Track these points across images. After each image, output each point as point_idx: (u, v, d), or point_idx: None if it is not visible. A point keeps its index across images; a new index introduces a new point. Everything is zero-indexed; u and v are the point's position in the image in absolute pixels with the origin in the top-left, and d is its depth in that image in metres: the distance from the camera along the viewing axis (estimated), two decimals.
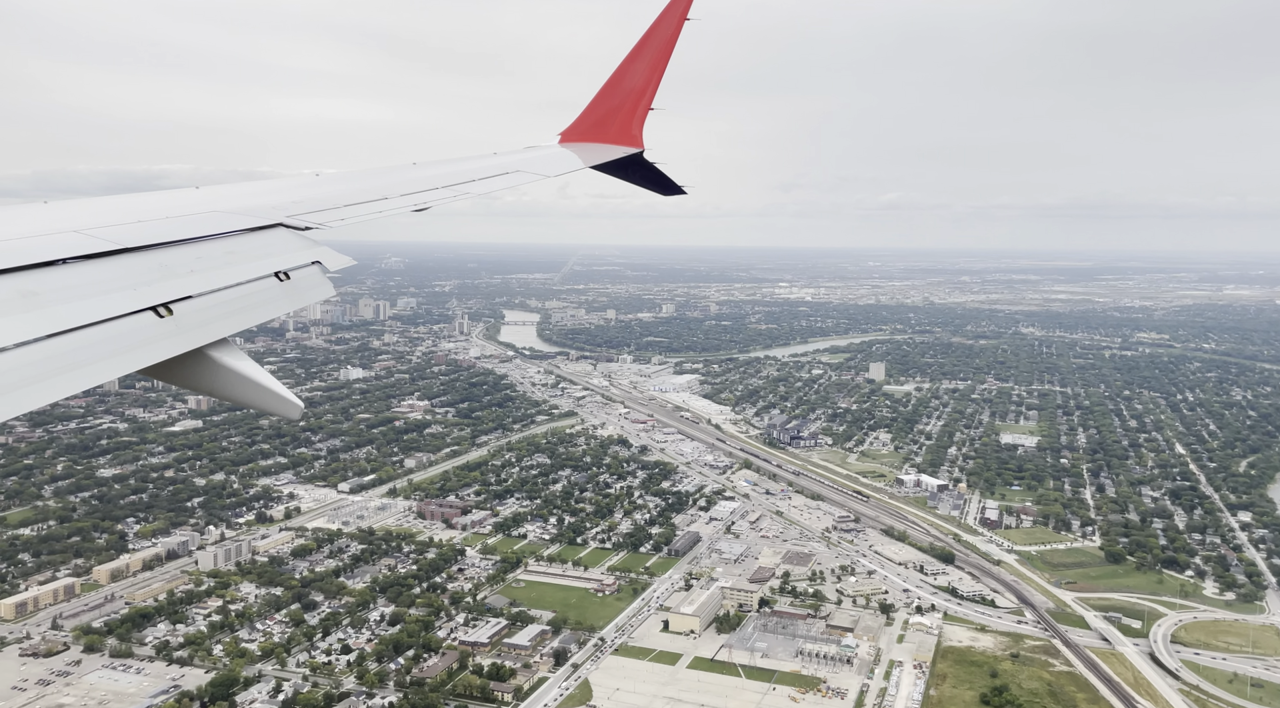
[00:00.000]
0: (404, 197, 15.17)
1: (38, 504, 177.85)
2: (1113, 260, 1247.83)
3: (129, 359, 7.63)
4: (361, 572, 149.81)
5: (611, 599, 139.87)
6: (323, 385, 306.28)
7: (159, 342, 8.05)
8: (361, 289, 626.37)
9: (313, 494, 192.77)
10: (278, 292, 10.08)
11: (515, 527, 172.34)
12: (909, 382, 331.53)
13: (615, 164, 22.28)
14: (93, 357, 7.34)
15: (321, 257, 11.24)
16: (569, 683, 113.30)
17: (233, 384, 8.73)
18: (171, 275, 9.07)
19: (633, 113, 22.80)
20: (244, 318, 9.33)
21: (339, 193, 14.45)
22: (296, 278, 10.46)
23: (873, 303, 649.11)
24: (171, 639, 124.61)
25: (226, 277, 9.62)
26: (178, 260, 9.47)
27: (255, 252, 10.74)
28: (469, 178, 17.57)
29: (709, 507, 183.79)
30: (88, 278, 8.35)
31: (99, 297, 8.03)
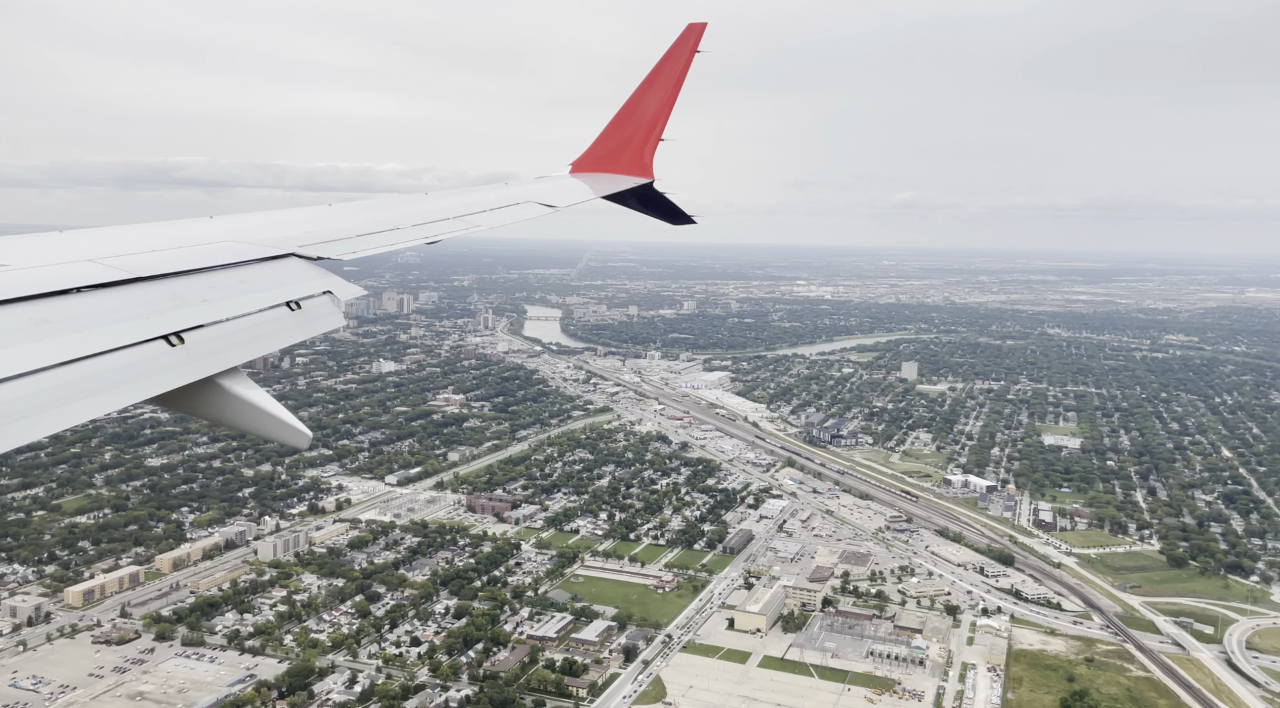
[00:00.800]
0: (415, 227, 15.33)
1: (90, 493, 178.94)
2: (1130, 262, 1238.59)
3: (140, 387, 7.69)
4: (420, 564, 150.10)
5: (672, 596, 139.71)
6: (356, 378, 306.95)
7: (170, 370, 8.09)
8: (381, 283, 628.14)
9: (361, 486, 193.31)
10: (289, 321, 10.14)
11: (566, 522, 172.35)
12: (941, 381, 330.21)
13: (626, 194, 22.51)
14: (104, 384, 7.40)
15: (333, 286, 11.31)
16: (641, 680, 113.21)
17: (242, 413, 8.73)
18: (183, 305, 9.13)
19: (644, 144, 23.05)
20: (255, 347, 9.35)
21: (351, 223, 14.57)
22: (308, 307, 10.55)
23: (893, 302, 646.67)
24: (241, 629, 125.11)
25: (238, 306, 9.67)
26: (190, 290, 9.55)
27: (267, 281, 10.82)
28: (480, 209, 17.69)
29: (758, 505, 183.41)
30: (101, 306, 8.45)
31: (111, 325, 8.10)
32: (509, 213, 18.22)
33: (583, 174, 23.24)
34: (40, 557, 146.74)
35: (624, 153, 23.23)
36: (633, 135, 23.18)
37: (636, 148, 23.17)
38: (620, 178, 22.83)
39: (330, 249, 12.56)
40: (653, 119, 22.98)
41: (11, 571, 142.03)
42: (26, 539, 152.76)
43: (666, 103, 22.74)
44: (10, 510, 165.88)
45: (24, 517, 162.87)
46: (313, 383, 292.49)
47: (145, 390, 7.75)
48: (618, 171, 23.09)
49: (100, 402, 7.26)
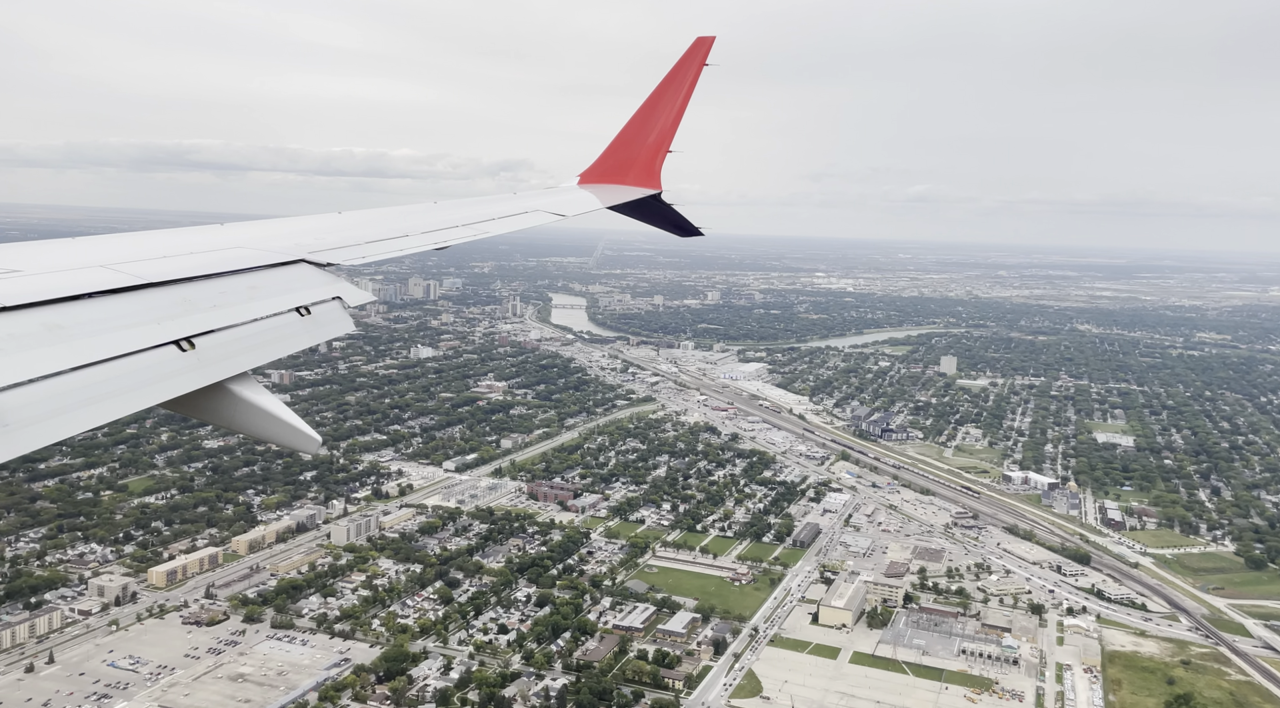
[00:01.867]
0: (424, 235, 15.52)
1: (153, 474, 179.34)
2: (1147, 259, 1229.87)
3: (152, 392, 7.74)
4: (492, 551, 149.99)
5: (750, 589, 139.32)
6: (395, 363, 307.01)
7: (181, 375, 8.16)
8: (402, 268, 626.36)
9: (420, 472, 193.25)
10: (299, 327, 10.23)
11: (630, 512, 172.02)
12: (980, 376, 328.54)
13: (633, 204, 22.77)
14: (116, 389, 7.44)
15: (342, 292, 11.40)
16: (735, 673, 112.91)
17: (253, 418, 8.82)
18: (194, 310, 9.23)
19: (652, 155, 23.27)
20: (265, 352, 9.41)
21: (361, 230, 14.75)
22: (317, 313, 10.62)
23: (916, 295, 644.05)
24: (327, 612, 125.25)
25: (248, 311, 9.75)
26: (201, 295, 9.67)
27: (277, 287, 10.93)
28: (488, 217, 17.91)
29: (819, 498, 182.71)
30: (112, 312, 8.53)
31: (123, 330, 8.18)
32: (517, 221, 18.33)
33: (591, 185, 23.33)
34: (116, 537, 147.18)
35: (632, 164, 23.36)
36: (641, 147, 23.34)
37: (645, 159, 23.29)
38: (628, 189, 22.95)
39: (340, 255, 12.63)
40: (661, 131, 23.14)
41: (89, 550, 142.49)
42: (99, 519, 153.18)
43: (675, 115, 22.91)
44: (78, 490, 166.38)
45: (93, 496, 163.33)
46: (353, 368, 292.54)
47: (157, 395, 7.79)
48: (626, 183, 23.20)
49: (113, 406, 7.31)
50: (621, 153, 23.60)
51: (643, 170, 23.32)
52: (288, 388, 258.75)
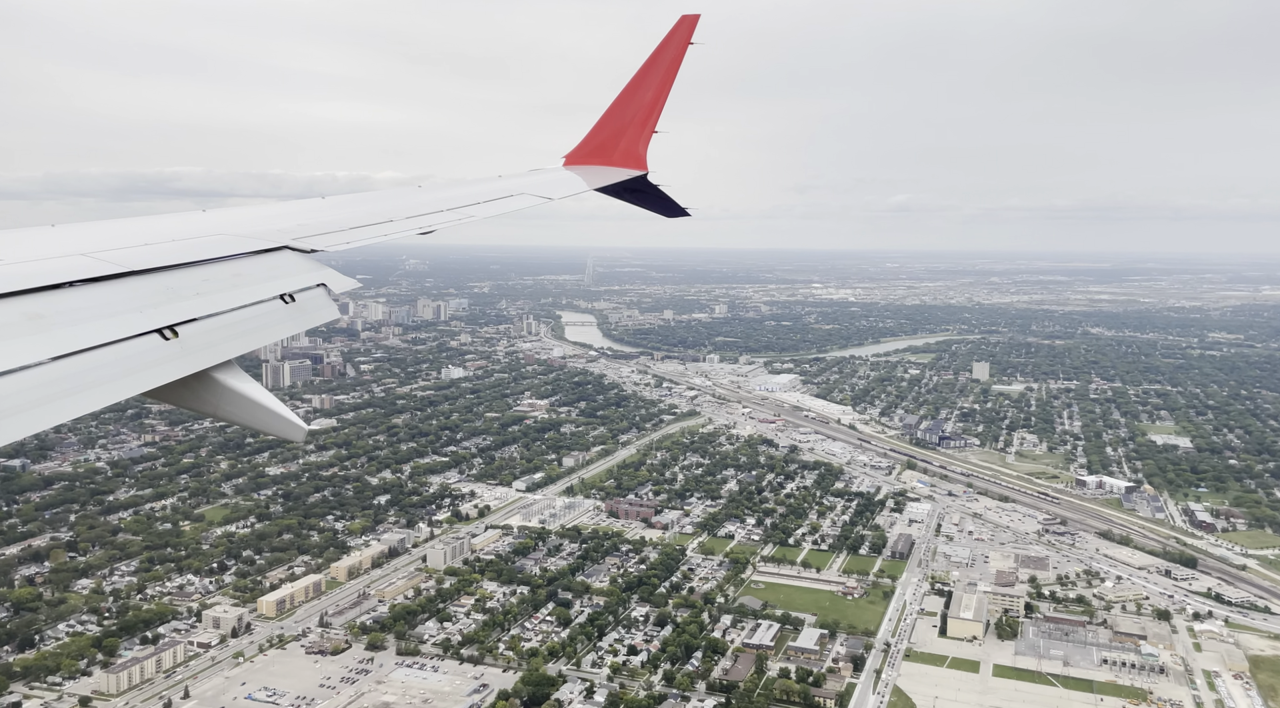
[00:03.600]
0: (409, 219, 15.31)
1: (225, 502, 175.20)
2: (1129, 262, 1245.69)
3: (135, 381, 7.63)
4: (593, 570, 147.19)
5: (863, 603, 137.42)
6: (428, 384, 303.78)
7: (164, 364, 8.03)
8: (400, 290, 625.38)
9: (492, 493, 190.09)
10: (283, 314, 10.09)
11: (717, 527, 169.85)
12: (1014, 381, 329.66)
13: (619, 186, 22.45)
14: (98, 379, 7.32)
15: (327, 279, 11.28)
16: (882, 691, 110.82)
17: (237, 406, 8.72)
18: (177, 298, 9.09)
19: (637, 136, 22.94)
20: (249, 340, 9.28)
21: (345, 216, 14.59)
22: (302, 300, 10.48)
23: (918, 304, 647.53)
24: (450, 638, 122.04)
25: (232, 299, 9.64)
26: (184, 283, 9.54)
27: (261, 274, 10.80)
28: (473, 201, 17.63)
29: (900, 508, 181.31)
30: (94, 300, 8.40)
31: (105, 319, 8.04)
32: (503, 204, 17.96)
33: (576, 166, 22.93)
34: (210, 567, 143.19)
35: (618, 145, 22.90)
36: (626, 127, 22.89)
37: (630, 140, 22.85)
38: (614, 170, 22.53)
39: (324, 241, 12.47)
40: (646, 111, 22.69)
41: (187, 581, 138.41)
42: (188, 549, 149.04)
43: (660, 95, 22.49)
44: (155, 520, 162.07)
45: (172, 527, 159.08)
46: (389, 390, 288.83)
47: (140, 384, 7.67)
48: (612, 164, 22.81)
49: (95, 396, 7.18)
50: (607, 133, 23.00)
51: (628, 151, 22.80)
52: (331, 412, 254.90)
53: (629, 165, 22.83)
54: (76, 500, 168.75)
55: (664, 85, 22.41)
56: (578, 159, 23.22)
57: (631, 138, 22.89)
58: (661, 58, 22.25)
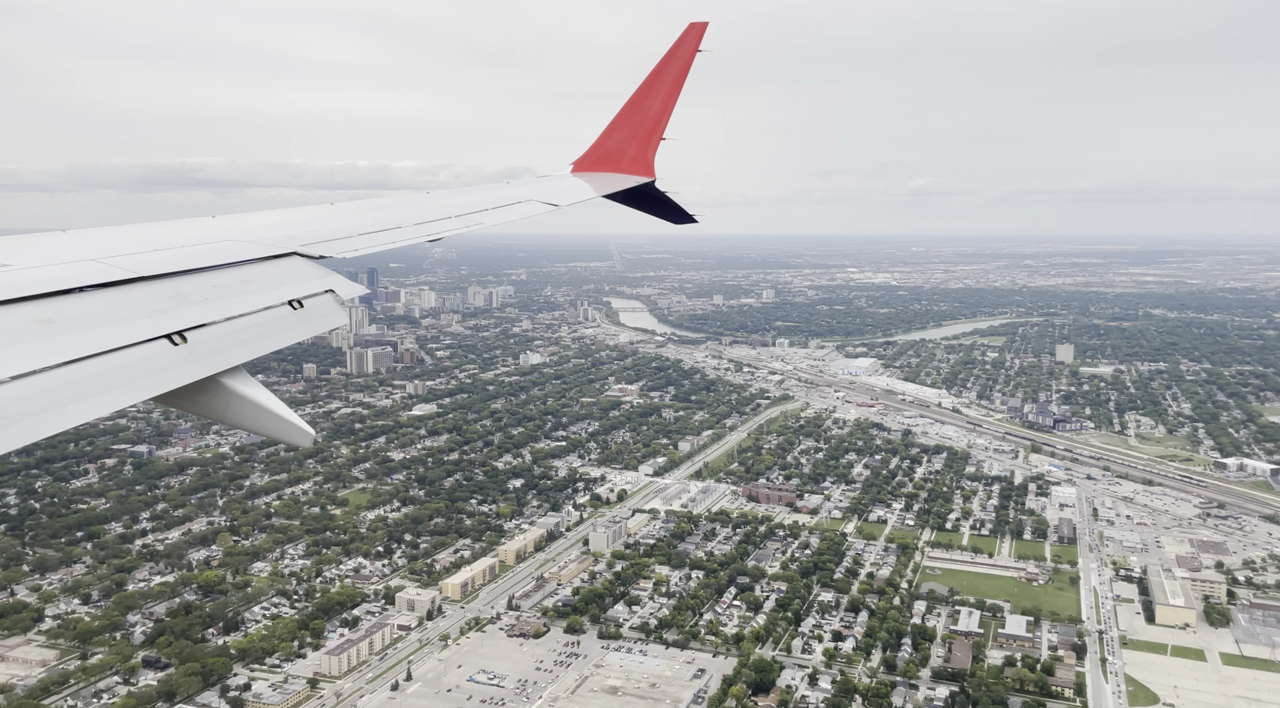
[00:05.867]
0: (417, 226, 15.26)
1: (363, 487, 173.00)
2: (1157, 244, 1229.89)
3: (144, 386, 7.61)
4: (759, 555, 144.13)
5: (1051, 589, 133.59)
6: (510, 370, 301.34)
7: (173, 369, 8.01)
8: (437, 278, 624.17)
9: (621, 477, 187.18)
10: (291, 320, 9.99)
11: (866, 512, 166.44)
12: (1098, 363, 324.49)
13: (627, 193, 22.34)
14: (107, 384, 7.29)
15: (335, 285, 11.17)
16: (1114, 679, 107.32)
17: (246, 412, 8.65)
18: (186, 304, 9.04)
19: (645, 143, 22.91)
20: (257, 346, 9.20)
21: (353, 222, 14.50)
22: (310, 306, 10.39)
23: (962, 287, 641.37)
24: (647, 621, 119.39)
25: (241, 305, 9.56)
26: (193, 289, 9.48)
27: (269, 280, 10.72)
28: (481, 208, 17.66)
29: (1045, 493, 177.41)
30: (103, 306, 8.39)
31: (114, 325, 8.02)
32: (511, 211, 18.02)
33: (584, 173, 22.99)
34: (377, 550, 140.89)
35: (625, 152, 22.96)
36: (634, 134, 22.95)
37: (638, 147, 22.89)
38: (622, 177, 22.57)
39: (332, 248, 12.41)
40: (654, 118, 22.72)
41: (358, 564, 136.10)
42: (347, 533, 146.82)
43: (668, 102, 22.53)
44: (301, 505, 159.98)
45: (320, 511, 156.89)
46: (474, 377, 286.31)
47: (148, 389, 7.64)
48: (619, 171, 22.84)
49: (103, 401, 7.17)
50: (615, 141, 23.07)
51: (636, 158, 22.81)
52: (428, 398, 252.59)
53: (637, 172, 22.67)
54: (216, 485, 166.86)
55: (672, 93, 22.26)
56: (585, 166, 23.14)
57: (639, 145, 22.77)
58: (669, 65, 22.02)
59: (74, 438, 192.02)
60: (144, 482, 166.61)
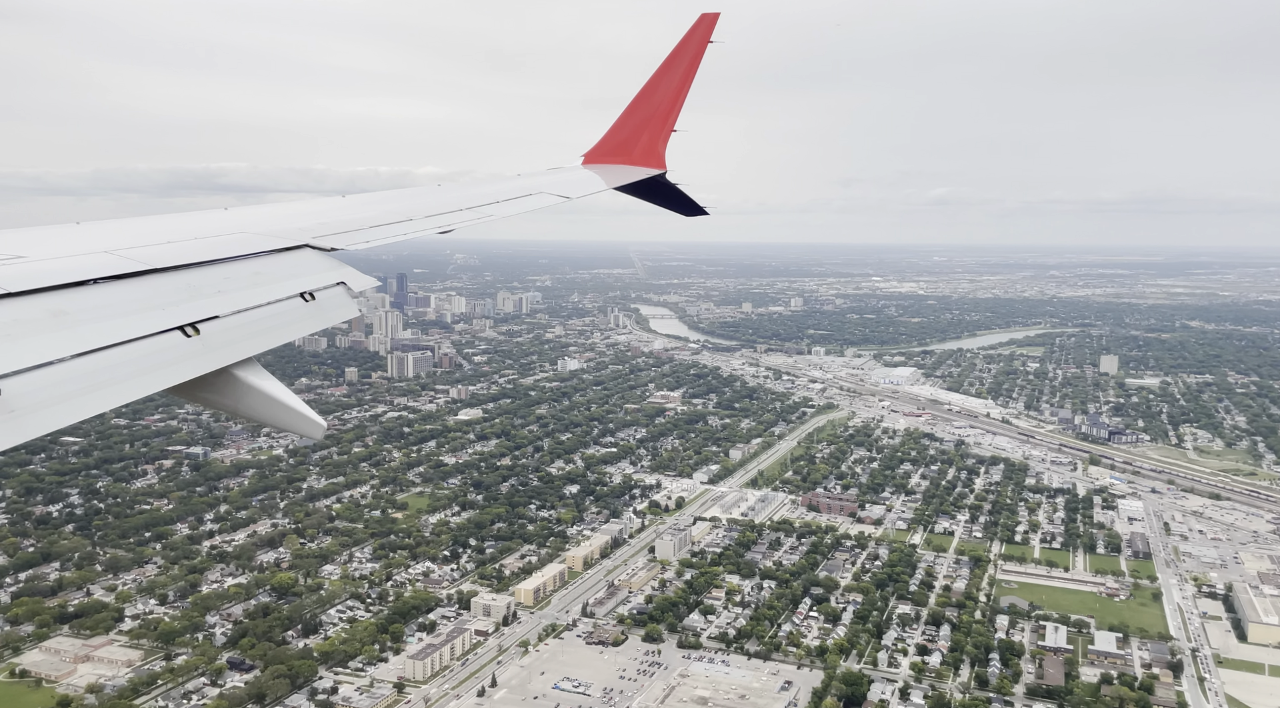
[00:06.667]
0: (428, 218, 15.13)
1: (420, 491, 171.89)
2: (1181, 256, 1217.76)
3: (156, 378, 7.64)
4: (830, 566, 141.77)
5: (1133, 604, 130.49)
6: (549, 376, 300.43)
7: (186, 361, 8.03)
8: (463, 284, 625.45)
9: (677, 484, 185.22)
10: (303, 312, 10.01)
11: (932, 523, 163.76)
12: (1143, 375, 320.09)
13: (638, 185, 22.28)
14: (120, 375, 7.33)
15: (346, 277, 11.13)
16: (1215, 700, 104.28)
17: (257, 403, 8.63)
18: (199, 295, 9.09)
19: (656, 134, 22.74)
20: (269, 338, 9.19)
21: (365, 214, 14.35)
22: (321, 298, 10.38)
23: (989, 297, 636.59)
24: (722, 631, 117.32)
25: (253, 297, 9.58)
26: (205, 281, 9.52)
27: (281, 272, 10.74)
28: (492, 200, 17.51)
29: (1111, 506, 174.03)
30: (117, 298, 8.42)
31: (127, 316, 8.06)
32: (522, 203, 17.80)
33: (595, 165, 22.84)
34: (444, 554, 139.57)
35: (636, 143, 22.82)
36: (645, 126, 22.80)
37: (649, 139, 22.74)
38: (633, 169, 22.46)
39: (344, 240, 12.35)
40: (665, 110, 22.58)
41: (426, 569, 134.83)
42: (412, 536, 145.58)
43: (679, 93, 22.38)
44: (361, 507, 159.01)
45: (382, 514, 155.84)
46: (514, 383, 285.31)
47: (162, 381, 7.69)
48: (630, 162, 22.73)
49: (117, 392, 7.19)
50: (626, 132, 22.98)
51: (647, 150, 22.71)
52: (471, 403, 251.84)
53: (648, 164, 22.61)
54: (275, 488, 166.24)
55: (683, 84, 22.14)
56: (597, 158, 23.04)
57: (650, 137, 22.65)
58: (681, 56, 21.91)
59: (129, 439, 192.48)
60: (203, 483, 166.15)
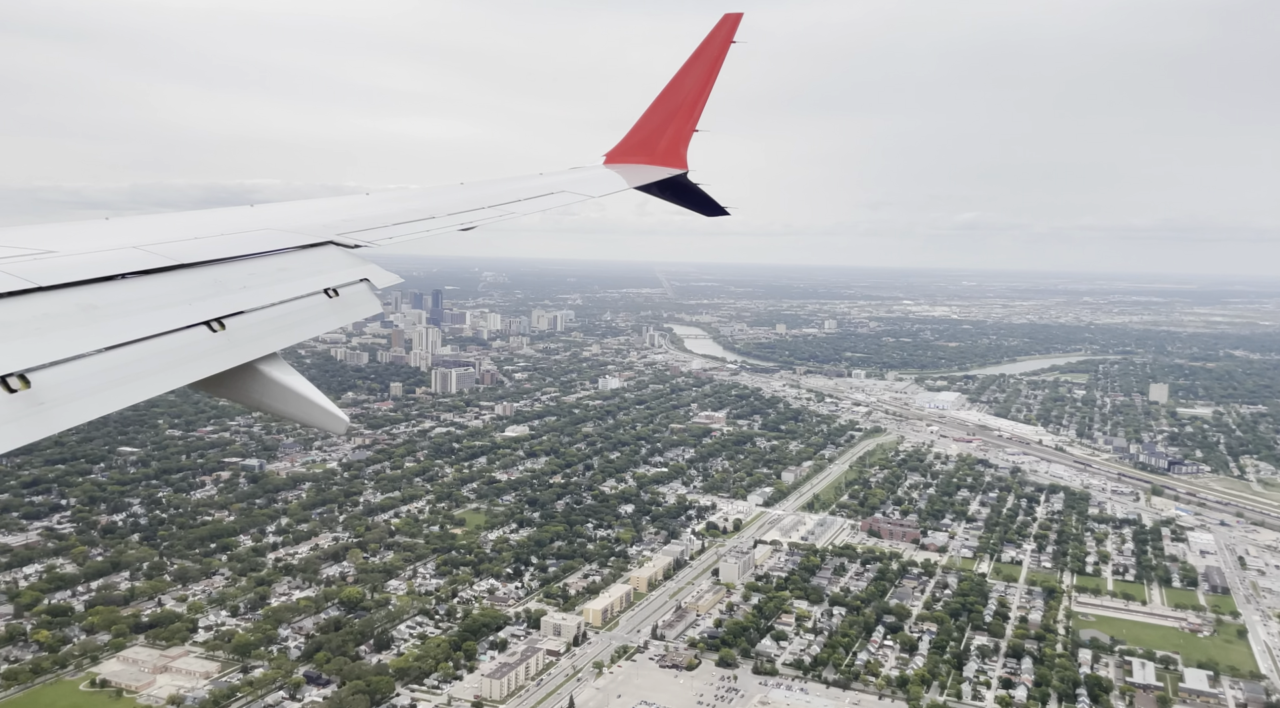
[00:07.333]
0: (451, 216, 15.10)
1: (476, 507, 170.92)
2: (1214, 284, 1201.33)
3: (183, 372, 7.71)
4: (899, 593, 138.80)
5: (1218, 641, 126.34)
6: (591, 394, 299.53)
7: (211, 355, 8.11)
8: (494, 300, 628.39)
9: (733, 506, 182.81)
10: (326, 308, 10.07)
11: (998, 551, 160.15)
12: (1194, 404, 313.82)
13: (659, 185, 22.18)
14: (148, 369, 7.40)
15: (370, 274, 11.16)
16: None
17: (281, 398, 8.69)
18: (225, 291, 9.17)
19: (678, 134, 22.67)
20: (294, 333, 9.26)
21: (388, 212, 14.46)
22: (345, 295, 10.43)
23: (1025, 322, 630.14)
24: (798, 658, 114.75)
25: (278, 293, 9.63)
26: (231, 276, 9.57)
27: (306, 269, 10.77)
28: (514, 198, 17.43)
29: (1181, 538, 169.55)
30: (145, 293, 8.49)
31: (155, 311, 8.14)
32: (544, 202, 17.81)
33: (617, 164, 22.81)
34: (507, 571, 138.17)
35: (658, 143, 22.73)
36: (667, 126, 22.70)
37: (671, 138, 22.66)
38: (654, 168, 22.40)
39: (367, 237, 12.45)
40: (687, 110, 22.51)
41: (491, 586, 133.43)
42: (473, 553, 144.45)
43: (701, 93, 22.33)
44: (420, 522, 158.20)
45: (440, 530, 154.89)
46: (558, 400, 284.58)
47: (188, 375, 7.76)
48: (652, 162, 22.65)
49: (145, 385, 7.26)
50: (647, 131, 22.84)
51: (669, 150, 22.58)
52: (517, 420, 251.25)
53: (669, 164, 22.55)
54: (333, 501, 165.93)
55: (705, 84, 22.11)
56: (618, 157, 23.03)
57: (672, 136, 22.62)
58: (703, 56, 21.86)
59: (185, 450, 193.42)
60: (261, 495, 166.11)
